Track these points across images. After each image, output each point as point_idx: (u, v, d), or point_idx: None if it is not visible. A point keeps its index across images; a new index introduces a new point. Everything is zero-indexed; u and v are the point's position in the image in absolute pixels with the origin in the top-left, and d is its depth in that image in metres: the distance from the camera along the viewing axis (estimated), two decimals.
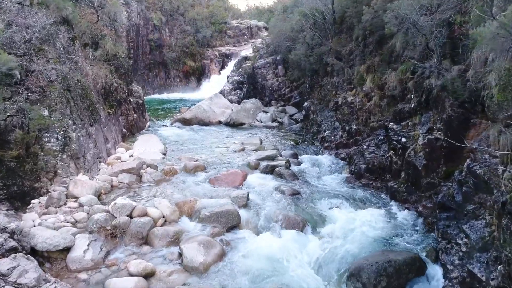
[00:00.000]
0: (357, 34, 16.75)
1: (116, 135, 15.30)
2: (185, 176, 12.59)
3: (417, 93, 11.80)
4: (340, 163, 14.43)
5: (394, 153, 11.78)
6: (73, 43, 13.20)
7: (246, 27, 43.70)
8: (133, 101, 19.12)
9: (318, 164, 14.61)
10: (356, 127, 15.09)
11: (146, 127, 20.16)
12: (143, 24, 37.03)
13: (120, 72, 17.93)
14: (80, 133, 11.45)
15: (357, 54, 16.58)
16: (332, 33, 19.79)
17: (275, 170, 13.03)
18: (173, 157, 14.56)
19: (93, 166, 11.88)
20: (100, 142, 13.11)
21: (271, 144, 17.06)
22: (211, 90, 34.33)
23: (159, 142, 15.58)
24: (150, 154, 14.04)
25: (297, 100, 23.84)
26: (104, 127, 13.82)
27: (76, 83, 12.40)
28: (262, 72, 26.64)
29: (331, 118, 17.50)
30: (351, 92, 16.64)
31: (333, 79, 18.68)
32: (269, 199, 11.04)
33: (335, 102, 17.31)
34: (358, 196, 11.45)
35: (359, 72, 16.03)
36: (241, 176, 12.23)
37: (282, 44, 23.79)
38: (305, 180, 12.79)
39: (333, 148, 15.94)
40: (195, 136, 18.57)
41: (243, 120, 21.30)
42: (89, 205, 9.66)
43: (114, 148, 14.31)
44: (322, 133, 17.27)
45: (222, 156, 15.01)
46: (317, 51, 19.72)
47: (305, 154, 16.02)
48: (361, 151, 13.40)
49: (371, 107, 14.43)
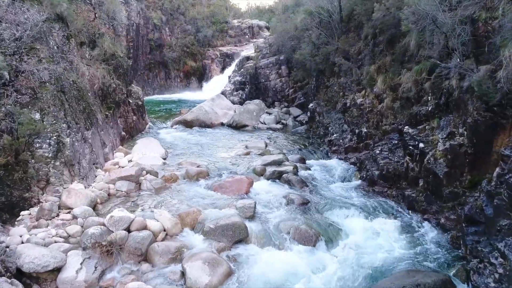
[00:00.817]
0: (366, 32, 15.93)
1: (114, 138, 14.47)
2: (187, 183, 11.77)
3: (434, 95, 10.99)
4: (350, 169, 13.60)
5: (410, 159, 10.95)
6: (68, 41, 12.36)
7: (248, 26, 42.86)
8: (133, 103, 18.28)
9: (327, 169, 13.79)
10: (366, 130, 14.26)
11: (146, 129, 19.34)
12: (143, 23, 36.19)
13: (118, 72, 17.09)
14: (75, 138, 10.62)
15: (367, 53, 15.76)
16: (339, 32, 18.97)
17: (282, 177, 12.20)
18: (174, 162, 13.72)
19: (89, 173, 11.04)
20: (97, 147, 12.28)
21: (277, 148, 16.23)
22: (212, 90, 33.56)
23: (159, 146, 14.74)
24: (150, 159, 13.21)
25: (301, 101, 23.02)
26: (101, 131, 12.99)
27: (71, 84, 11.57)
28: (265, 72, 25.81)
29: (339, 120, 16.67)
30: (360, 93, 15.82)
31: (340, 79, 17.86)
32: (277, 209, 10.22)
33: (343, 104, 16.48)
34: (372, 205, 10.62)
35: (369, 73, 15.22)
36: (247, 183, 11.41)
37: (286, 44, 22.95)
38: (314, 187, 11.96)
39: (342, 152, 15.11)
40: (197, 139, 17.74)
41: (246, 122, 20.47)
42: (84, 217, 8.83)
43: (112, 152, 13.48)
44: (330, 136, 16.44)
45: (226, 160, 14.18)
46: (323, 51, 18.90)
47: (312, 158, 15.21)
48: (373, 156, 12.57)
49: (383, 109, 13.61)
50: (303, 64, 21.26)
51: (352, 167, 13.68)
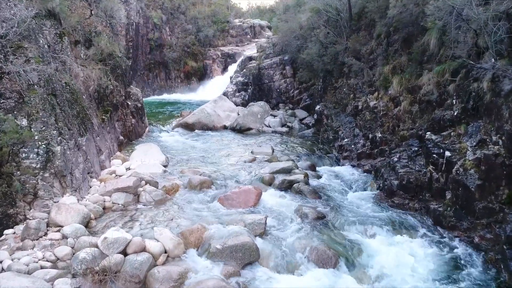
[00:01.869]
0: (379, 31, 14.92)
1: (111, 144, 13.42)
2: (189, 194, 10.73)
3: (460, 99, 9.97)
4: (364, 177, 12.57)
5: (434, 169, 9.91)
6: (61, 40, 11.31)
7: (249, 26, 41.80)
8: (131, 105, 17.23)
9: (340, 177, 12.75)
10: (381, 135, 13.23)
11: (146, 133, 18.29)
12: (142, 22, 35.13)
13: (116, 73, 16.05)
14: (67, 146, 9.57)
15: (379, 53, 14.73)
16: (348, 30, 17.95)
17: (293, 187, 11.16)
18: (176, 170, 12.68)
19: (82, 184, 9.99)
20: (92, 154, 11.24)
21: (284, 153, 15.20)
22: (213, 91, 32.57)
23: (160, 152, 13.69)
24: (150, 167, 12.16)
25: (307, 103, 21.98)
26: (97, 136, 11.94)
27: (64, 87, 10.52)
28: (268, 73, 24.77)
29: (350, 124, 15.64)
30: (373, 95, 14.79)
31: (350, 80, 16.84)
32: (290, 224, 9.18)
33: (354, 107, 15.45)
34: (394, 219, 9.58)
35: (382, 74, 14.20)
36: (255, 194, 10.37)
37: (292, 43, 21.89)
38: (328, 198, 10.93)
39: (354, 159, 14.08)
40: (199, 144, 16.70)
41: (251, 125, 19.43)
42: (75, 237, 7.79)
43: (108, 160, 12.43)
44: (340, 141, 15.40)
45: (231, 168, 13.14)
46: (331, 50, 17.88)
47: (322, 165, 14.17)
48: (390, 164, 11.53)
49: (400, 113, 12.59)
50: (309, 65, 20.24)
51: (366, 175, 12.65)
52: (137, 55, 34.47)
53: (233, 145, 16.47)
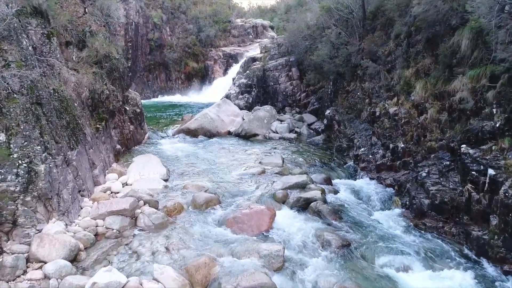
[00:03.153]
0: (398, 31, 13.57)
1: (106, 155, 12.06)
2: (194, 215, 9.39)
3: (502, 107, 8.63)
4: (386, 192, 11.23)
5: (474, 188, 8.57)
6: (49, 41, 9.95)
7: (251, 26, 40.45)
8: (130, 110, 15.88)
9: (359, 192, 11.41)
10: (403, 145, 11.88)
11: (145, 140, 16.94)
12: (142, 22, 33.74)
13: (113, 76, 14.70)
14: (54, 163, 8.21)
15: (399, 55, 13.37)
16: (361, 30, 16.60)
17: (310, 206, 9.82)
18: (178, 185, 11.32)
19: (72, 206, 8.64)
20: (84, 170, 9.88)
21: (295, 164, 13.86)
22: (215, 93, 31.30)
23: (160, 163, 12.32)
24: (149, 182, 10.82)
25: (315, 107, 20.62)
26: (90, 149, 10.59)
27: (51, 94, 9.17)
28: (274, 74, 23.41)
29: (366, 131, 14.29)
30: (392, 101, 13.43)
31: (364, 84, 15.48)
32: (311, 254, 7.84)
33: (371, 113, 14.09)
34: (428, 247, 8.25)
35: (402, 77, 12.85)
36: (268, 216, 9.04)
37: (300, 44, 20.52)
38: (350, 219, 9.59)
39: (372, 170, 12.74)
40: (202, 152, 15.35)
41: (256, 131, 18.09)
42: (59, 277, 6.46)
43: (103, 174, 11.07)
44: (356, 150, 14.06)
45: (238, 181, 11.79)
46: (343, 52, 16.53)
47: (338, 177, 12.83)
48: (418, 179, 10.20)
49: (426, 121, 11.23)
50: (318, 66, 18.90)
51: (388, 190, 11.31)
52: (137, 56, 33.11)
53: (239, 154, 15.12)
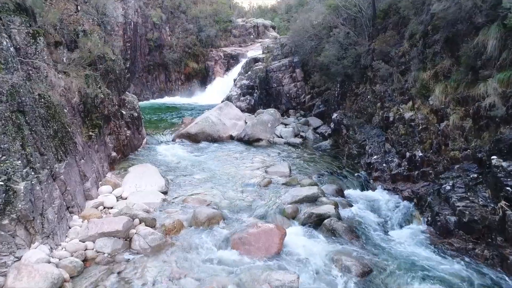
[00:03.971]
0: (414, 30, 12.58)
1: (100, 165, 11.05)
2: (195, 235, 8.39)
3: None
4: (405, 206, 10.24)
5: (509, 206, 7.60)
6: (35, 41, 8.93)
7: (253, 26, 39.43)
8: (126, 114, 14.86)
9: (374, 205, 10.42)
10: (422, 154, 10.89)
11: (143, 145, 15.93)
12: (141, 22, 32.69)
13: (109, 78, 13.70)
14: (37, 179, 7.21)
15: (414, 56, 12.38)
16: (371, 30, 15.61)
17: (324, 224, 8.81)
18: (177, 198, 10.31)
19: (58, 226, 7.63)
20: (74, 183, 8.87)
21: (303, 172, 12.86)
22: (216, 94, 30.32)
23: (158, 174, 11.30)
24: (146, 195, 9.82)
25: (321, 110, 19.62)
26: (81, 159, 9.57)
27: (36, 100, 8.16)
28: (277, 76, 22.40)
29: (378, 137, 13.30)
30: (406, 105, 12.45)
31: (375, 87, 14.48)
32: (329, 284, 6.85)
33: (384, 118, 13.10)
34: (459, 273, 7.26)
35: (419, 79, 11.88)
36: (278, 237, 8.04)
37: (305, 44, 19.49)
38: (368, 239, 8.60)
39: (387, 180, 11.74)
40: (204, 159, 14.34)
41: (260, 135, 17.08)
42: None
43: (96, 186, 10.06)
44: (368, 158, 13.06)
45: (243, 193, 10.79)
46: (352, 52, 15.53)
47: (350, 187, 11.83)
48: (441, 192, 9.21)
49: (448, 129, 10.24)
50: (325, 68, 17.90)
51: (407, 204, 10.32)
52: (135, 56, 32.07)
53: (242, 161, 14.12)
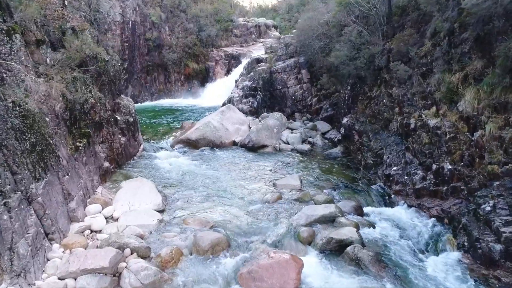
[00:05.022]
0: (438, 27, 11.25)
1: (89, 179, 9.72)
2: (197, 267, 7.07)
3: None
4: (434, 227, 8.92)
5: None
6: (10, 39, 7.62)
7: (254, 25, 38.08)
8: (121, 120, 13.54)
9: (400, 226, 9.11)
10: (451, 167, 9.57)
11: (139, 153, 14.60)
12: (139, 21, 31.33)
13: (102, 81, 12.39)
14: (4, 207, 5.89)
15: (438, 56, 11.07)
16: (385, 28, 14.29)
17: (346, 251, 7.50)
18: (176, 218, 8.98)
19: (32, 261, 6.31)
20: (55, 205, 7.55)
21: (314, 185, 11.55)
22: (217, 96, 28.98)
23: (154, 189, 9.94)
24: (140, 216, 8.50)
25: (329, 114, 18.30)
26: (65, 175, 8.24)
27: (9, 108, 6.85)
28: (282, 77, 21.06)
29: (397, 146, 11.99)
30: (430, 110, 11.13)
31: (392, 89, 13.16)
32: None
33: (404, 124, 11.78)
34: None
35: (444, 83, 10.56)
36: (295, 269, 6.73)
37: (313, 44, 18.12)
38: (398, 270, 7.28)
39: (410, 195, 10.43)
40: (205, 169, 13.01)
41: (265, 142, 15.76)
42: None
43: (83, 205, 8.73)
44: (386, 168, 11.75)
45: (250, 212, 9.47)
46: (365, 52, 14.21)
47: (368, 203, 10.52)
48: (479, 214, 7.91)
49: (483, 139, 8.92)
50: (334, 69, 16.60)
51: (436, 224, 9.01)
52: (134, 57, 30.72)
53: (247, 171, 12.80)
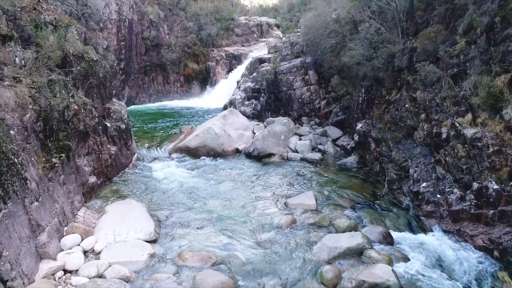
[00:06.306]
0: (475, 23, 9.64)
1: (67, 202, 8.08)
2: None
3: None
4: (478, 259, 7.33)
5: None
6: None
7: (256, 24, 36.47)
8: (112, 127, 11.92)
9: (437, 258, 7.50)
10: (498, 187, 7.97)
11: (133, 163, 12.99)
12: (137, 19, 29.68)
13: (89, 83, 10.80)
14: None
15: (474, 56, 9.46)
16: (404, 24, 12.69)
17: None
18: (170, 251, 7.35)
19: None
20: (17, 242, 5.93)
21: (331, 204, 9.92)
22: (217, 97, 27.47)
23: (145, 214, 8.23)
24: (127, 250, 6.88)
25: (339, 118, 16.69)
26: (33, 201, 6.62)
27: None
28: (287, 78, 19.43)
29: (424, 158, 10.38)
30: (464, 118, 9.53)
31: (415, 93, 11.54)
32: None
33: (434, 134, 10.16)
34: None
35: (483, 86, 8.94)
36: None
37: (323, 42, 16.47)
38: None
39: (445, 218, 8.81)
40: (206, 183, 11.38)
41: (272, 150, 14.15)
42: None
43: (57, 236, 7.10)
44: (414, 184, 10.14)
45: (260, 242, 7.85)
46: (383, 52, 12.59)
47: (396, 227, 8.90)
48: None
49: None
50: (345, 69, 15.01)
51: (481, 256, 7.41)
52: (131, 56, 29.06)
53: (254, 186, 11.18)
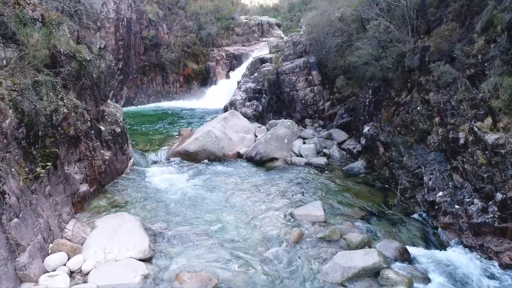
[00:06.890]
0: (495, 20, 8.91)
1: (54, 215, 7.33)
2: None
3: None
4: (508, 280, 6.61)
5: None
6: None
7: (257, 23, 35.72)
8: (106, 131, 11.19)
9: (459, 279, 6.78)
10: None
11: (129, 168, 12.26)
12: (135, 18, 28.92)
13: (82, 85, 10.08)
14: None
15: (494, 55, 8.74)
16: (415, 22, 11.96)
17: None
18: (167, 270, 6.62)
19: None
20: None
21: (340, 214, 9.18)
22: (217, 97, 26.73)
23: (138, 229, 7.44)
24: (118, 270, 6.14)
25: (344, 121, 15.96)
26: (12, 218, 5.87)
27: None
28: (290, 79, 18.69)
29: (439, 165, 9.64)
30: (483, 122, 8.79)
31: (428, 95, 10.81)
32: None
33: (450, 139, 9.42)
34: None
35: (506, 88, 8.22)
36: None
37: (327, 41, 15.73)
38: None
39: (465, 231, 8.07)
40: (206, 191, 10.64)
41: (275, 154, 13.42)
42: None
43: (41, 256, 6.36)
44: (429, 193, 9.40)
45: (266, 262, 7.11)
46: (393, 51, 11.87)
47: (411, 241, 8.17)
48: None
49: None
50: (351, 70, 14.28)
51: (509, 274, 6.69)
52: (129, 56, 28.31)
53: (257, 194, 10.45)
